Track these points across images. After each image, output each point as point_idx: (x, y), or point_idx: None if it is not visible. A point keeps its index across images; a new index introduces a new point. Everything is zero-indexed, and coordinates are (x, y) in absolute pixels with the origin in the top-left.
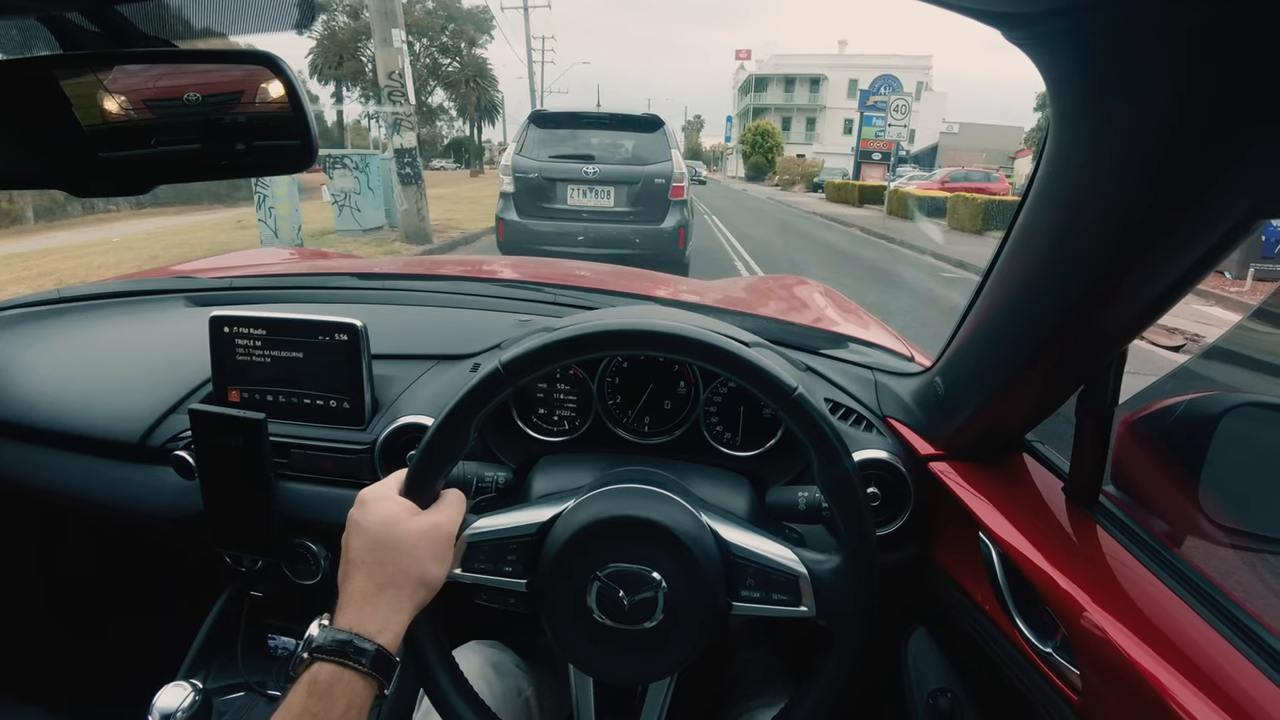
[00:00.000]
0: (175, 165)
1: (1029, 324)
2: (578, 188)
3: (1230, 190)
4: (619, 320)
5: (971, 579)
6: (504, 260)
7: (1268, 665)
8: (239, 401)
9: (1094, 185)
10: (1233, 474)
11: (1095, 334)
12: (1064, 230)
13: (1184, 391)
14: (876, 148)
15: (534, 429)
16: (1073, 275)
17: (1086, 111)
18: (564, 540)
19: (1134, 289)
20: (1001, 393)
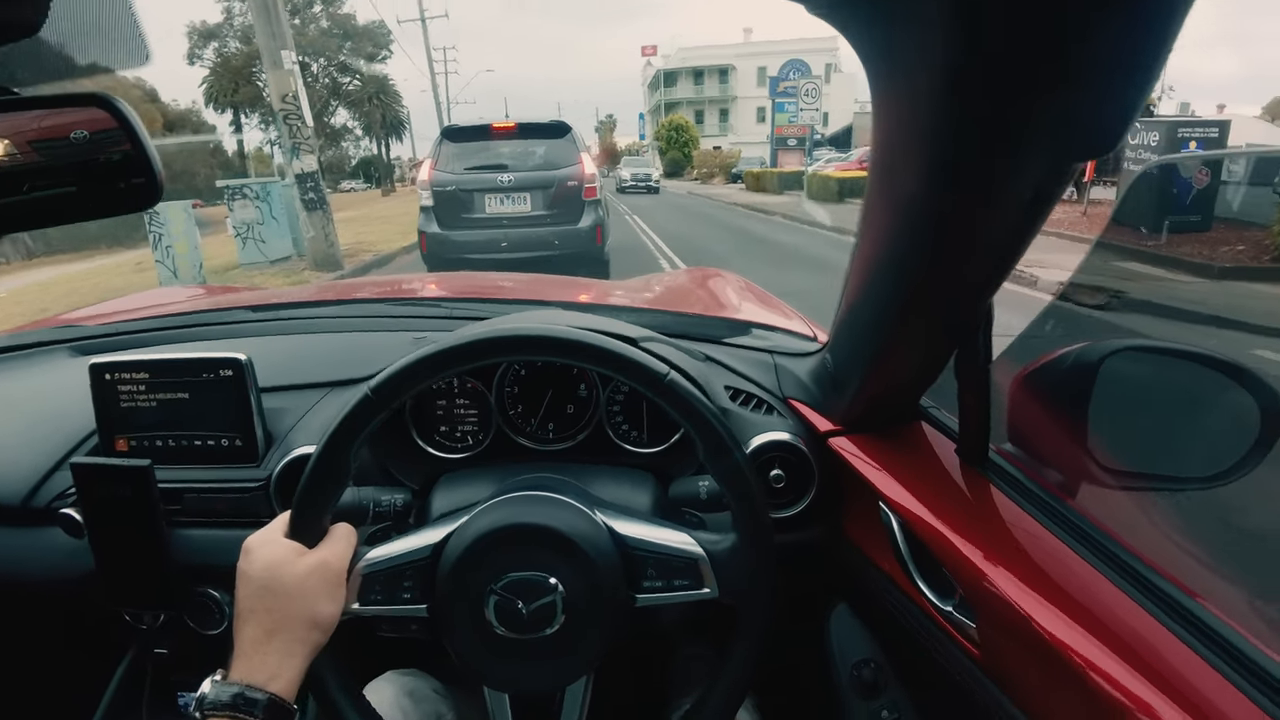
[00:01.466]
0: (14, 215)
1: (892, 293)
2: (494, 196)
3: (1037, 141)
4: (483, 329)
5: (879, 550)
6: (406, 279)
7: (1151, 603)
8: (127, 450)
9: (911, 145)
10: (1114, 418)
11: (953, 293)
12: (897, 195)
13: (1071, 343)
14: (791, 133)
15: (436, 447)
16: (915, 238)
17: (890, 72)
18: (457, 557)
19: (972, 243)
20: (882, 362)
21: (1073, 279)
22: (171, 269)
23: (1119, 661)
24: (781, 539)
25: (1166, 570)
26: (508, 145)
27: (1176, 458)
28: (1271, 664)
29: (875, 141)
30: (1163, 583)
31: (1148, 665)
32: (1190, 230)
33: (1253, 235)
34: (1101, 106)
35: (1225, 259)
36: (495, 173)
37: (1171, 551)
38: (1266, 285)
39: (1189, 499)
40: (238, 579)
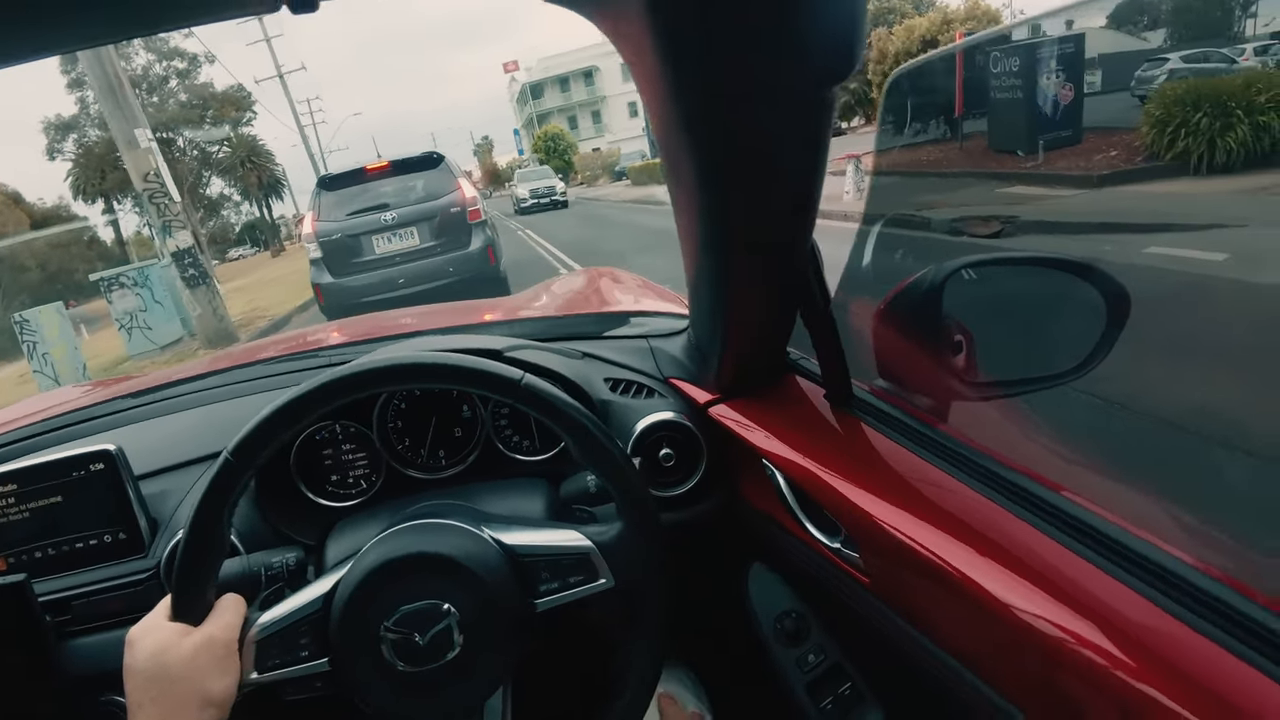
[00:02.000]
0: None
1: (714, 253)
2: (381, 236)
3: (788, 68)
4: (330, 372)
5: (773, 505)
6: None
7: (1016, 505)
8: (5, 569)
9: (673, 109)
10: (969, 334)
11: (770, 241)
12: (684, 163)
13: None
14: None
15: (330, 497)
16: (714, 198)
17: (633, 45)
18: (345, 602)
19: (764, 189)
20: (734, 324)
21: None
22: (52, 376)
23: (994, 564)
24: (682, 514)
25: (1029, 469)
26: (385, 184)
27: (1034, 360)
28: (1143, 545)
29: (652, 115)
30: (1024, 481)
31: (1016, 559)
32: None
33: (1121, 139)
34: (822, 37)
35: (1101, 166)
36: (378, 213)
37: (1041, 452)
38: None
39: (1051, 396)
40: (125, 675)
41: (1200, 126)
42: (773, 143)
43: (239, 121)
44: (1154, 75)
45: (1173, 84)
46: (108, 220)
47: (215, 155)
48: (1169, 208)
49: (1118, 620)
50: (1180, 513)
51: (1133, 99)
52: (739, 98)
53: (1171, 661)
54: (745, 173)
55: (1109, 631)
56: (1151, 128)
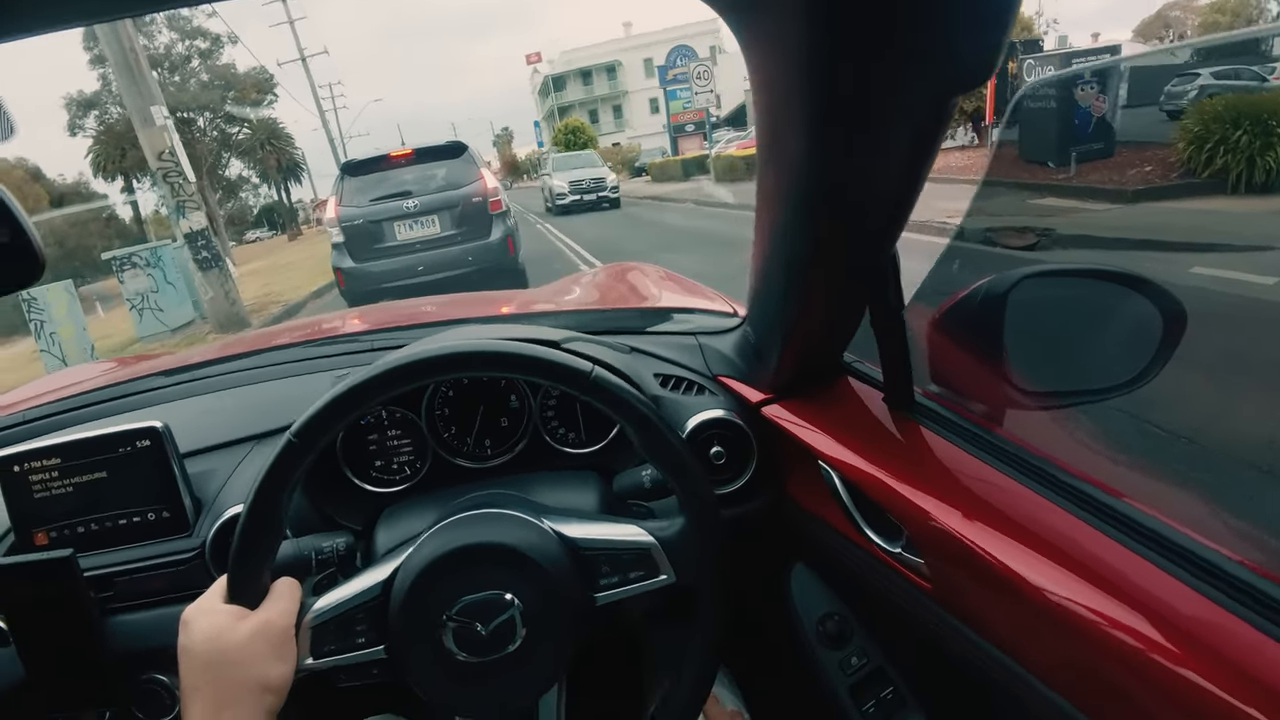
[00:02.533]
0: None
1: (797, 254)
2: (403, 223)
3: (905, 74)
4: (398, 356)
5: (824, 506)
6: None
7: (1078, 507)
8: (48, 543)
9: (790, 102)
10: (1028, 343)
11: (855, 246)
12: (786, 157)
13: (980, 279)
14: (688, 119)
15: (374, 483)
16: (810, 197)
17: (760, 35)
18: (406, 591)
19: (865, 192)
20: (798, 324)
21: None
22: (59, 356)
23: (1061, 570)
24: (730, 512)
25: (1093, 477)
26: (408, 171)
27: (1091, 371)
28: (1197, 545)
29: (758, 107)
30: (1091, 489)
31: (1086, 568)
32: (1097, 158)
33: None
34: (967, 38)
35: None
36: (400, 200)
37: (1096, 459)
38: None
39: (1107, 408)
40: (179, 656)
41: (1240, 144)
42: (884, 149)
43: (260, 104)
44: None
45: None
46: (127, 199)
47: (235, 137)
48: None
49: (1199, 630)
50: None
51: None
52: (862, 100)
53: (1259, 676)
54: (849, 177)
55: (1187, 641)
56: (1189, 144)
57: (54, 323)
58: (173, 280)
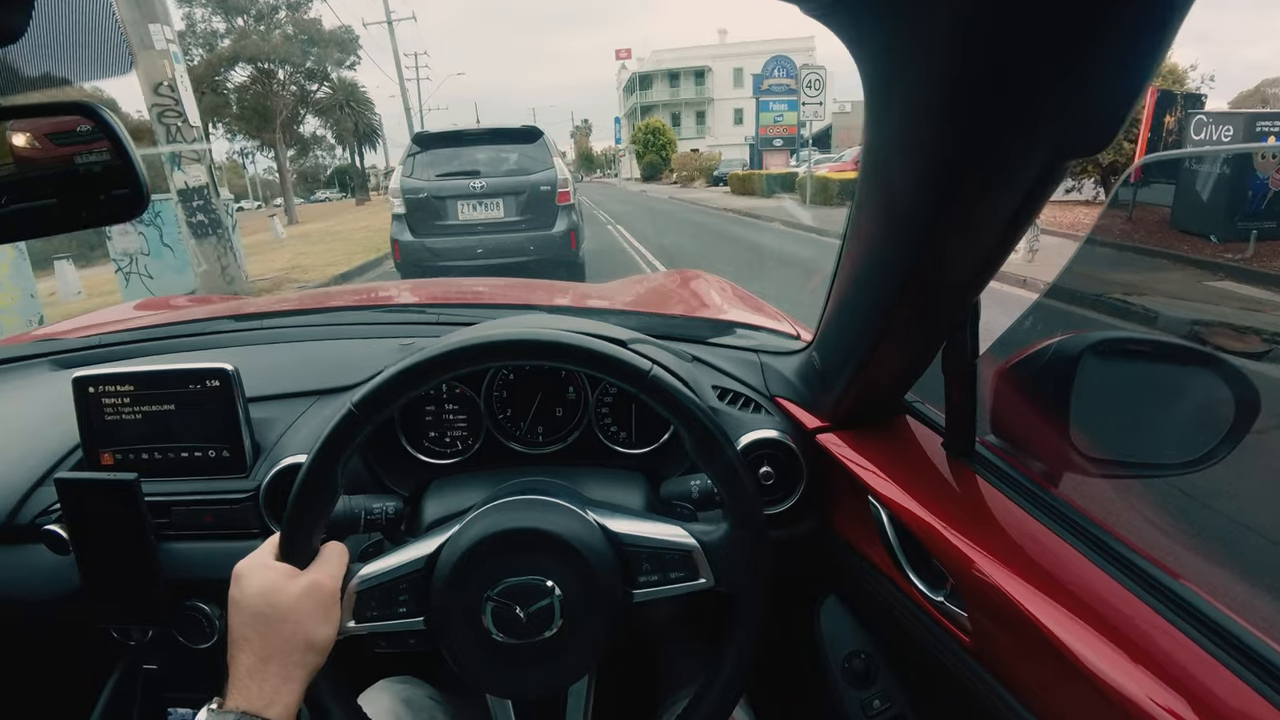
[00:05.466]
0: (5, 228)
1: (880, 290)
2: (467, 202)
3: (1031, 134)
4: (467, 336)
5: (868, 542)
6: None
7: (1135, 584)
8: (113, 464)
9: (907, 149)
10: (1097, 408)
11: (940, 290)
12: (890, 196)
13: (1051, 335)
14: (776, 133)
15: (425, 453)
16: (906, 239)
17: (887, 73)
18: (451, 567)
19: (962, 241)
20: (870, 358)
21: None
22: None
23: (1109, 644)
24: (771, 534)
25: (1152, 554)
26: (480, 151)
27: (1156, 445)
28: (1253, 639)
29: (867, 141)
30: (1150, 567)
31: (1137, 647)
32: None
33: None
34: (1098, 103)
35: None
36: (468, 179)
37: (1154, 535)
38: None
39: (1167, 484)
40: (230, 606)
41: None
42: (989, 205)
43: (342, 63)
44: None
45: None
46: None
47: (314, 94)
48: None
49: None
50: None
51: None
52: (975, 157)
53: None
54: (949, 228)
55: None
56: None
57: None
58: (170, 242)
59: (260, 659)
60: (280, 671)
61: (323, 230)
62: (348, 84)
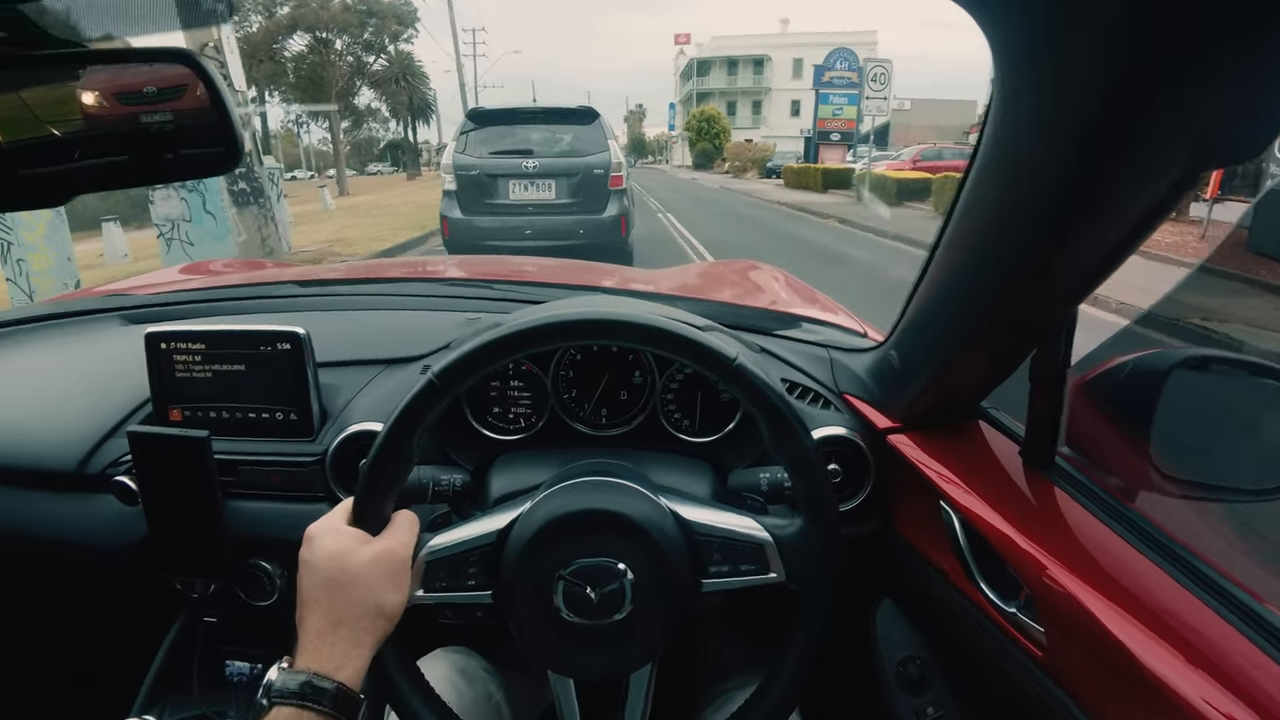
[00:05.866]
0: (97, 176)
1: (979, 291)
2: (519, 182)
3: (1171, 144)
4: (549, 313)
5: (934, 547)
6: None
7: (1223, 607)
8: (181, 420)
9: (1037, 147)
10: (1181, 427)
11: (1044, 296)
12: (1009, 193)
13: (1134, 350)
14: (835, 127)
15: (489, 428)
16: (1019, 240)
17: (1030, 71)
18: (524, 544)
19: (1080, 248)
20: (955, 361)
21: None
22: (26, 290)
23: (1194, 668)
24: None
25: (1241, 580)
26: (534, 130)
27: (1243, 469)
28: None
29: (991, 134)
30: (1240, 593)
31: (1223, 673)
32: None
33: None
34: (1252, 108)
35: None
36: (520, 158)
37: (1240, 561)
38: None
39: (1255, 510)
40: (300, 568)
41: None
42: (1118, 207)
43: (399, 36)
44: None
45: None
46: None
47: (370, 66)
48: None
49: None
50: None
51: None
52: (1114, 157)
53: None
54: (1060, 241)
55: None
56: None
57: (24, 247)
58: (213, 209)
59: (330, 622)
60: (350, 636)
61: (371, 203)
62: (404, 57)
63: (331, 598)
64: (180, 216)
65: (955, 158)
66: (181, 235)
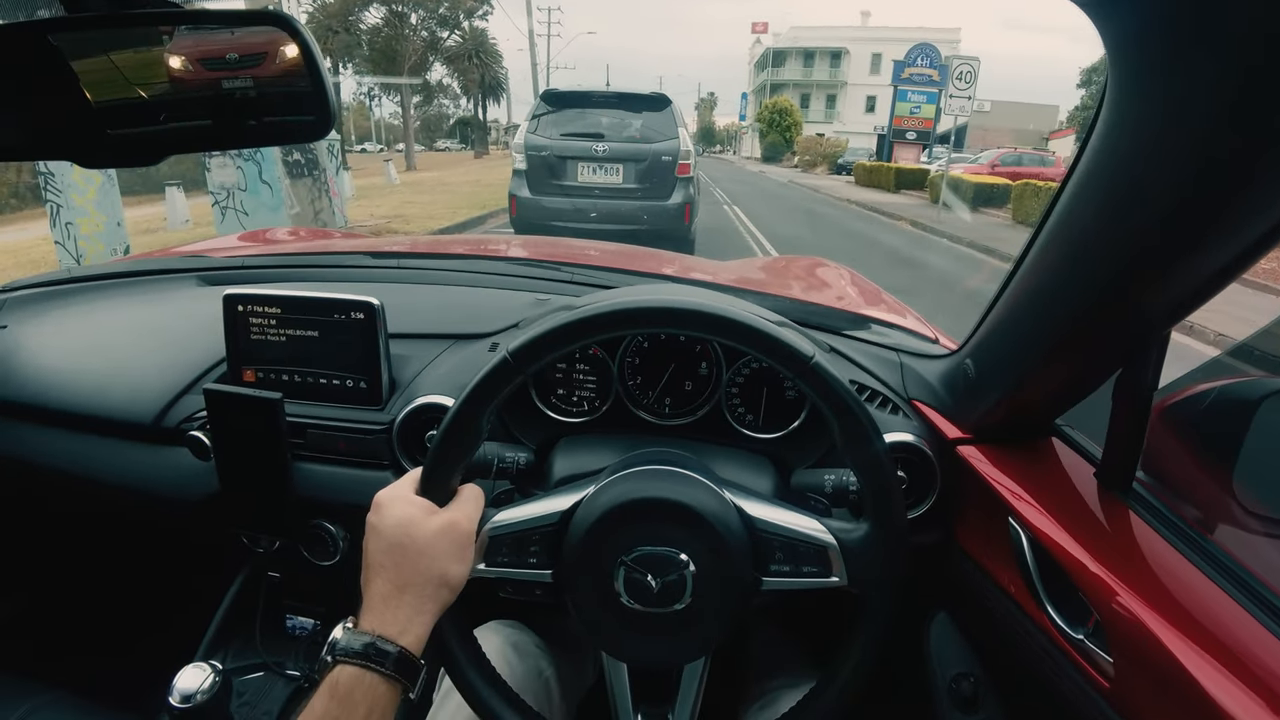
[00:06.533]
0: (186, 138)
1: (1067, 305)
2: (588, 165)
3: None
4: (627, 299)
5: (998, 563)
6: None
7: None
8: (254, 381)
9: (1154, 155)
10: (1268, 461)
11: (1137, 316)
12: (1115, 204)
13: (1219, 377)
14: (911, 125)
15: (553, 410)
16: (1121, 253)
17: (1151, 75)
18: (587, 527)
19: (1184, 270)
20: (1035, 375)
21: None
22: (73, 253)
23: (1270, 712)
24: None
25: None
26: (606, 114)
27: None
28: None
29: (1099, 141)
30: None
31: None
32: None
33: None
34: None
35: None
36: (591, 141)
37: None
38: None
39: None
40: (368, 532)
41: None
42: (1230, 224)
43: (474, 12)
44: None
45: None
46: None
47: (444, 42)
48: None
49: None
50: None
51: None
52: (1238, 174)
53: None
54: (1177, 243)
55: None
56: None
57: (73, 210)
58: (269, 179)
59: (396, 587)
60: (414, 603)
61: (435, 180)
62: (478, 33)
63: (398, 563)
64: (236, 185)
65: (1034, 164)
66: (236, 204)
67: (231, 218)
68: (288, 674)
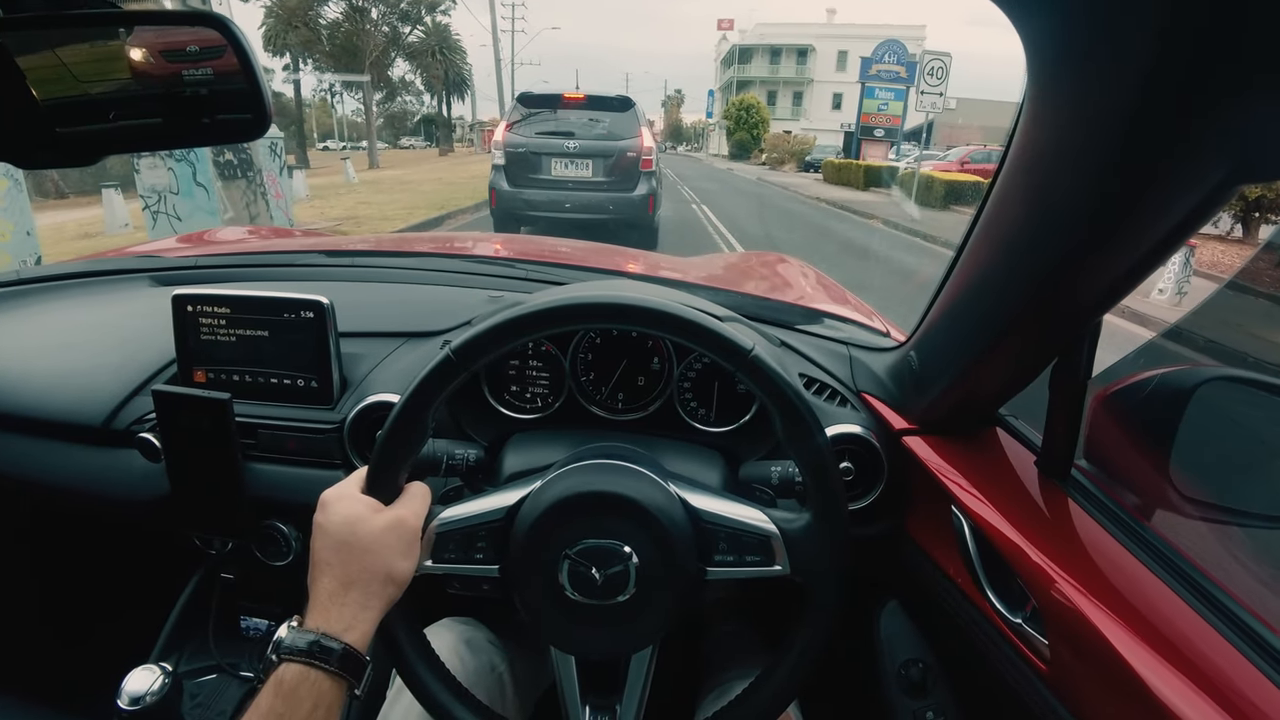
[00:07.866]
0: (132, 137)
1: (1002, 297)
2: (560, 160)
3: (1210, 155)
4: (570, 295)
5: (943, 551)
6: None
7: (1234, 634)
8: (205, 382)
9: (1070, 151)
10: (1204, 448)
11: (1068, 306)
12: (1038, 199)
13: (1156, 366)
14: (879, 122)
15: (506, 406)
16: (1047, 246)
17: (1064, 72)
18: (532, 521)
19: (1108, 258)
20: (975, 367)
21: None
22: None
23: (1198, 692)
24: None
25: (1253, 606)
26: (576, 114)
27: (1262, 494)
28: None
29: (1022, 138)
30: (1253, 621)
31: (1226, 699)
32: None
33: None
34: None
35: None
36: (563, 139)
37: (1255, 587)
38: None
39: (1274, 536)
40: (314, 531)
41: None
42: (1144, 219)
43: (436, 7)
44: None
45: None
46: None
47: (406, 37)
48: None
49: None
50: None
51: None
52: (1142, 170)
53: None
54: (1096, 237)
55: None
56: None
57: None
58: (204, 182)
59: (342, 584)
60: (360, 599)
61: (396, 178)
62: (441, 29)
63: (344, 561)
64: (167, 188)
65: None
66: (168, 208)
67: (164, 223)
68: (242, 675)
